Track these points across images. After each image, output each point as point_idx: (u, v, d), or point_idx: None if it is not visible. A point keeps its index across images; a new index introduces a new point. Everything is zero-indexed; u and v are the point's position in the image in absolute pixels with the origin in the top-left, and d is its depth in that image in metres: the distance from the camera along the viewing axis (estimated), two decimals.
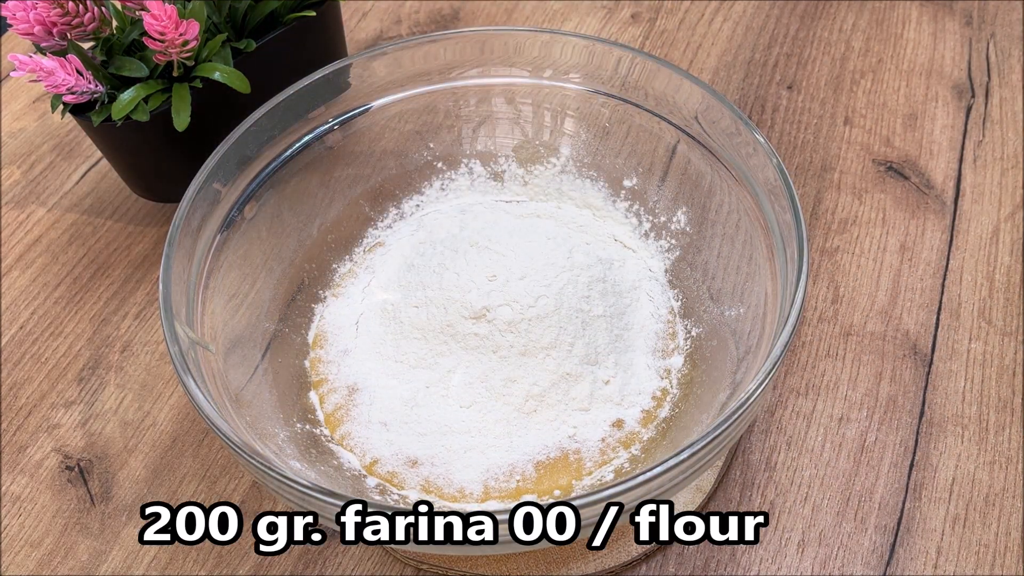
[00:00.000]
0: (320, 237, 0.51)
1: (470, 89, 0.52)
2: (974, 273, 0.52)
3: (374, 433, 0.43)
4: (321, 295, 0.50)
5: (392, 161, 0.53)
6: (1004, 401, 0.47)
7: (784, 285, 0.39)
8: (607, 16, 0.69)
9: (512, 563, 0.42)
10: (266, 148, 0.48)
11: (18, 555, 0.44)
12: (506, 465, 0.41)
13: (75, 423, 0.49)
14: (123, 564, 0.44)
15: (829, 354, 0.49)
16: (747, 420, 0.36)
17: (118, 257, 0.57)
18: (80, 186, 0.61)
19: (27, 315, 0.54)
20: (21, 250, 0.57)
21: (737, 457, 0.46)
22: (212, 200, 0.45)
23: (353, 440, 0.43)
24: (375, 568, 0.43)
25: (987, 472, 0.44)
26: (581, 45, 0.49)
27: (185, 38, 0.47)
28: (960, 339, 0.49)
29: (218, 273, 0.45)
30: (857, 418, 0.47)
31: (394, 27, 0.70)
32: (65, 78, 0.47)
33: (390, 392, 0.44)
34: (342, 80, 0.49)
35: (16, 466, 0.48)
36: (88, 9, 0.48)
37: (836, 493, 0.44)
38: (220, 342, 0.43)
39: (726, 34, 0.67)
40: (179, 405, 0.49)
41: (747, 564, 0.42)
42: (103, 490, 0.46)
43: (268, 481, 0.35)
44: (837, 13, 0.68)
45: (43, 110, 0.65)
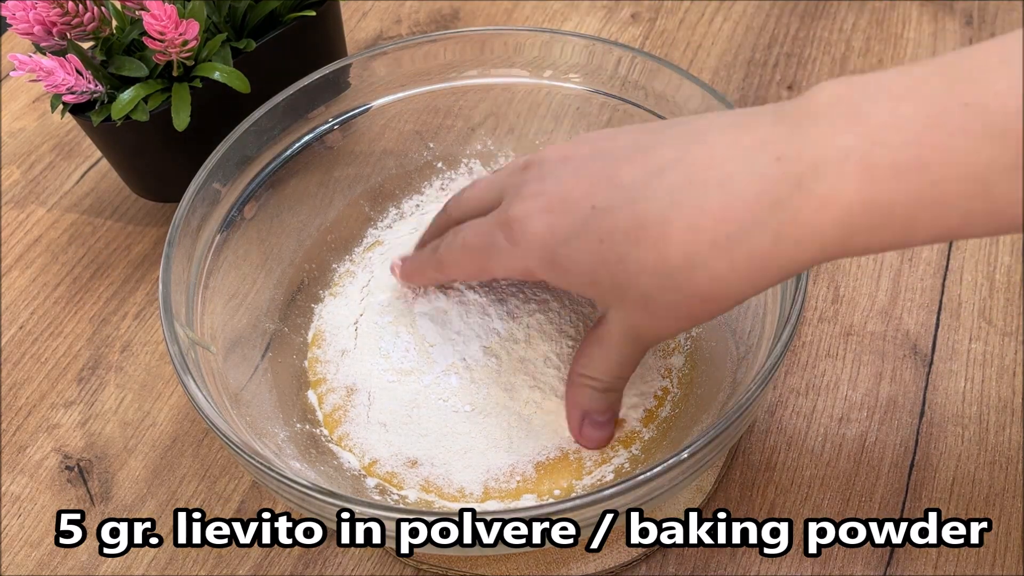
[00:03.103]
0: (320, 237, 0.51)
1: (470, 89, 0.52)
2: (974, 273, 0.52)
3: (373, 434, 0.43)
4: (321, 295, 0.50)
5: (392, 161, 0.53)
6: (1004, 401, 0.47)
7: (784, 285, 0.39)
8: (607, 16, 0.69)
9: (512, 563, 0.42)
10: (266, 148, 0.48)
11: (18, 555, 0.44)
12: (506, 466, 0.41)
13: (75, 423, 0.49)
14: (123, 564, 0.44)
15: (829, 354, 0.49)
16: (747, 420, 0.36)
17: (118, 257, 0.57)
18: (80, 186, 0.61)
19: (27, 315, 0.54)
20: (21, 250, 0.57)
21: (737, 457, 0.46)
22: (212, 200, 0.45)
23: (352, 441, 0.43)
24: (375, 568, 0.43)
25: (987, 472, 0.44)
26: (581, 45, 0.49)
27: (185, 38, 0.47)
28: (960, 339, 0.49)
29: (218, 273, 0.45)
30: (857, 418, 0.47)
31: (394, 27, 0.70)
32: (65, 78, 0.47)
33: (389, 393, 0.44)
34: (342, 80, 0.49)
35: (16, 466, 0.48)
36: (88, 9, 0.48)
37: (836, 493, 0.44)
38: (220, 342, 0.43)
39: (726, 34, 0.67)
40: (179, 405, 0.49)
41: (747, 564, 0.42)
42: (103, 490, 0.46)
43: (268, 481, 0.35)
44: (837, 13, 0.68)
45: (43, 110, 0.65)
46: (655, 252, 0.32)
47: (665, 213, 0.31)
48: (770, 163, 0.30)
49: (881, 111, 0.28)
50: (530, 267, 0.36)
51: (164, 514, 0.45)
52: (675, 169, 0.32)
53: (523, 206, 0.35)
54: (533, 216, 0.35)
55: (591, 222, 0.33)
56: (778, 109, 0.31)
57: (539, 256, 0.35)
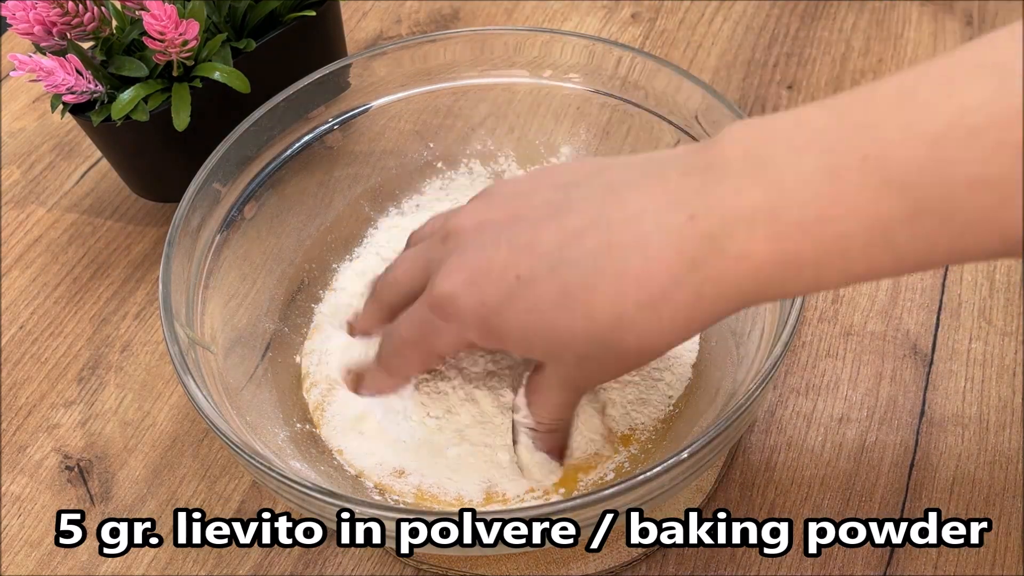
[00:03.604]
0: (320, 237, 0.51)
1: (470, 89, 0.52)
2: (974, 273, 0.52)
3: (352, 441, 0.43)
4: (321, 295, 0.50)
5: (392, 161, 0.53)
6: (1004, 401, 0.47)
7: None
8: (607, 16, 0.69)
9: (512, 563, 0.42)
10: (266, 148, 0.48)
11: (18, 555, 0.44)
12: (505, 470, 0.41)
13: (75, 423, 0.49)
14: (123, 564, 0.44)
15: (829, 354, 0.49)
16: (747, 420, 0.36)
17: (118, 257, 0.57)
18: (80, 186, 0.61)
19: (27, 315, 0.54)
20: (21, 250, 0.57)
21: (737, 457, 0.46)
22: (212, 200, 0.45)
23: (336, 445, 0.43)
24: (375, 568, 0.43)
25: (987, 472, 0.44)
26: (581, 45, 0.49)
27: (185, 38, 0.47)
28: (960, 339, 0.49)
29: (218, 273, 0.45)
30: (857, 418, 0.47)
31: (394, 27, 0.70)
32: (65, 78, 0.47)
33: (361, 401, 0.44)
34: (342, 80, 0.49)
35: (16, 466, 0.48)
36: (88, 9, 0.48)
37: (836, 493, 0.44)
38: (220, 342, 0.43)
39: (726, 34, 0.67)
40: (179, 405, 0.49)
41: (747, 564, 0.42)
42: (103, 490, 0.46)
43: (268, 481, 0.35)
44: (837, 13, 0.68)
45: (43, 110, 0.65)
46: (583, 318, 0.32)
47: (588, 279, 0.32)
48: (684, 222, 0.30)
49: (784, 165, 0.29)
50: (470, 338, 0.36)
51: (164, 514, 0.45)
52: (593, 232, 0.32)
53: (449, 282, 0.36)
54: (460, 291, 0.35)
55: (517, 293, 0.34)
56: (688, 159, 0.32)
57: (475, 327, 0.36)
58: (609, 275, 0.32)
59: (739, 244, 0.29)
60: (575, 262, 0.32)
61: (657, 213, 0.31)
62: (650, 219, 0.31)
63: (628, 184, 0.33)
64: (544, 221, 0.34)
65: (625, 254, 0.31)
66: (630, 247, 0.31)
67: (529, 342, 0.35)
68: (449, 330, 0.37)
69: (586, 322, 0.32)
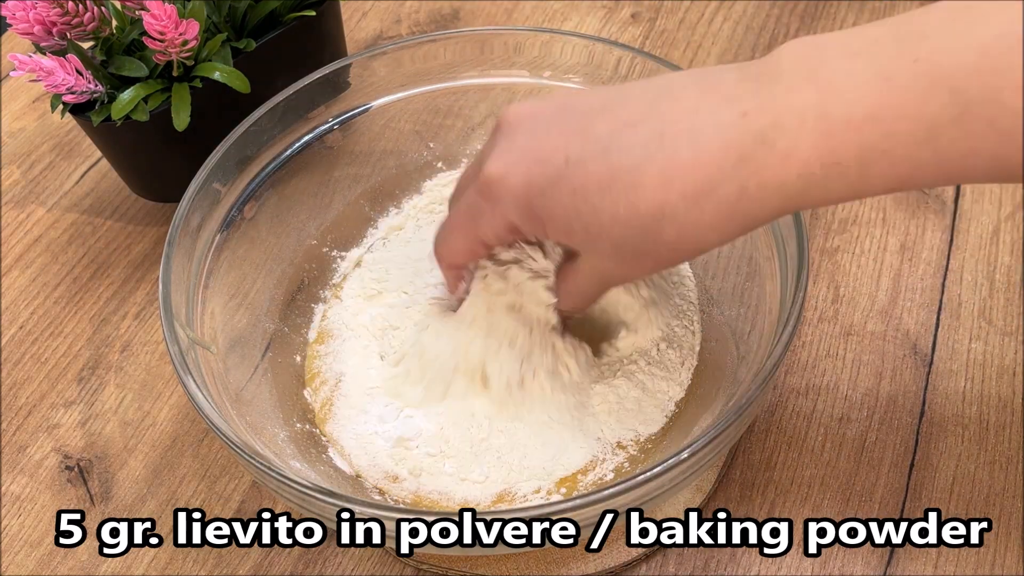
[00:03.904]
0: (320, 237, 0.51)
1: (470, 89, 0.52)
2: (974, 273, 0.52)
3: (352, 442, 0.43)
4: (321, 295, 0.50)
5: (392, 161, 0.53)
6: (1004, 401, 0.47)
7: (784, 285, 0.39)
8: (607, 16, 0.69)
9: (512, 563, 0.42)
10: (266, 148, 0.48)
11: (18, 555, 0.44)
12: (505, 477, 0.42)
13: (75, 423, 0.49)
14: (123, 564, 0.44)
15: (829, 354, 0.49)
16: (747, 420, 0.36)
17: (118, 257, 0.57)
18: (80, 186, 0.61)
19: (27, 315, 0.54)
20: (21, 250, 0.57)
21: (737, 457, 0.46)
22: (212, 200, 0.45)
23: (339, 445, 0.44)
24: (375, 568, 0.43)
25: (987, 472, 0.44)
26: (581, 45, 0.49)
27: (185, 38, 0.47)
28: (960, 339, 0.49)
29: (218, 273, 0.45)
30: (857, 418, 0.47)
31: (394, 27, 0.70)
32: (65, 78, 0.47)
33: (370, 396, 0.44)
34: (342, 80, 0.49)
35: (16, 466, 0.48)
36: (88, 9, 0.48)
37: (836, 493, 0.44)
38: (220, 342, 0.43)
39: (726, 34, 0.67)
40: (179, 405, 0.49)
41: (747, 564, 0.42)
42: (103, 490, 0.46)
43: (268, 481, 0.35)
44: (837, 13, 0.68)
45: (43, 110, 0.65)
46: (626, 203, 0.33)
47: (637, 165, 0.32)
48: (736, 118, 0.31)
49: (837, 69, 0.30)
50: (512, 221, 0.36)
51: (164, 514, 0.45)
52: (646, 122, 0.33)
53: (497, 163, 0.36)
54: (507, 171, 0.35)
55: (564, 174, 0.34)
56: (743, 68, 0.32)
57: (518, 208, 0.36)
58: (658, 162, 0.32)
59: (787, 140, 0.30)
60: (626, 149, 0.33)
61: (711, 109, 0.32)
62: (704, 114, 0.32)
63: (683, 86, 0.33)
64: (597, 112, 0.34)
65: (676, 144, 0.32)
66: (681, 137, 0.32)
67: (570, 226, 0.35)
68: (493, 212, 0.37)
69: (629, 209, 0.33)
